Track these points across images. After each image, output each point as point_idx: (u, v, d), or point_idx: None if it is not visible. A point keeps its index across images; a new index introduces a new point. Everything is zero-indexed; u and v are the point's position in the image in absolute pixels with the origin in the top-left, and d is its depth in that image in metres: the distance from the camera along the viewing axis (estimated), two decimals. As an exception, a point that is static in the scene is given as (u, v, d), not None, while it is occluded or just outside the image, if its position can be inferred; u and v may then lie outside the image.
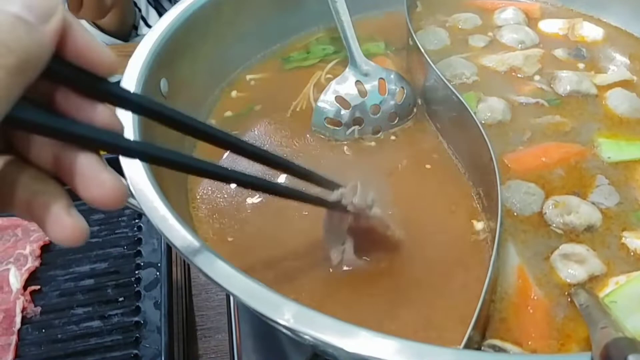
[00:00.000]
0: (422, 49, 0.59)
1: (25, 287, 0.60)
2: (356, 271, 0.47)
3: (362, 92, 0.60)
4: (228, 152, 0.40)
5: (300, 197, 0.41)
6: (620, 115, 0.62)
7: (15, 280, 0.61)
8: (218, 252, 0.37)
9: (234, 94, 0.67)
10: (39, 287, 0.61)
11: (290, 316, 0.33)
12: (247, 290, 0.35)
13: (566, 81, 0.65)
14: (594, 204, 0.52)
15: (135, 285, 0.61)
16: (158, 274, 0.62)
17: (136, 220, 0.68)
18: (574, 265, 0.47)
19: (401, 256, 0.49)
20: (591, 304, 0.41)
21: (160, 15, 1.07)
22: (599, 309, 0.40)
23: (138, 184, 0.41)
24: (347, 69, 0.62)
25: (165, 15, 0.59)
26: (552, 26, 0.75)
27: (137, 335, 0.57)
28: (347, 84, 0.61)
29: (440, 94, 0.58)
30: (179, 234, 0.38)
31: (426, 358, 0.32)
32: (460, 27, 0.75)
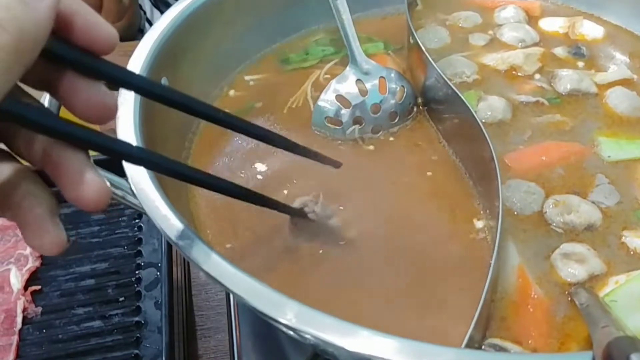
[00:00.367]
0: (422, 48, 0.59)
1: (26, 288, 0.60)
2: (357, 271, 0.47)
3: (363, 91, 0.60)
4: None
5: (269, 205, 0.44)
6: (620, 114, 0.62)
7: (16, 280, 0.61)
8: (218, 251, 0.37)
9: (232, 93, 0.67)
10: (39, 287, 0.61)
11: (291, 315, 0.33)
12: (248, 290, 0.35)
13: (566, 80, 0.65)
14: (594, 203, 0.52)
15: (135, 285, 0.61)
16: (158, 273, 0.62)
17: (136, 220, 0.68)
18: (574, 265, 0.47)
19: (401, 255, 0.49)
20: (591, 303, 0.41)
21: None
22: (599, 308, 0.40)
23: (139, 183, 0.41)
24: (347, 67, 0.62)
25: (166, 14, 0.59)
26: (553, 24, 0.75)
27: (138, 335, 0.57)
28: (347, 82, 0.60)
29: (441, 93, 0.58)
30: (180, 233, 0.38)
31: (427, 357, 0.32)
32: (460, 25, 0.75)
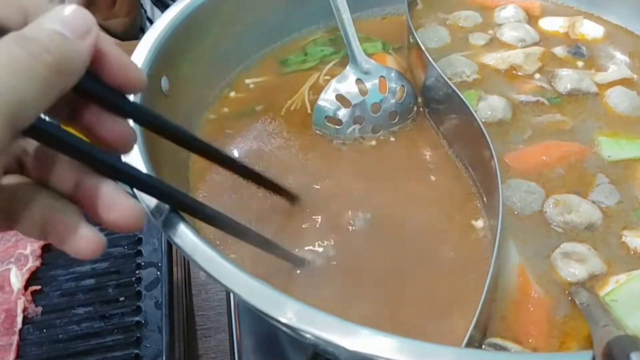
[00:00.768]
0: (422, 47, 0.59)
1: (26, 287, 0.60)
2: (357, 272, 0.47)
3: (363, 91, 0.60)
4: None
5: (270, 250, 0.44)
6: (620, 114, 0.62)
7: (16, 280, 0.61)
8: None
9: (232, 94, 0.67)
10: (39, 287, 0.61)
11: (292, 315, 0.33)
12: (249, 289, 0.35)
13: (567, 79, 0.65)
14: (594, 202, 0.52)
15: (136, 285, 0.61)
16: (159, 273, 0.62)
17: (137, 220, 0.68)
18: (575, 264, 0.47)
19: (400, 255, 0.49)
20: (592, 302, 0.41)
21: None
22: (599, 307, 0.40)
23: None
24: (347, 67, 0.62)
25: (166, 13, 0.59)
26: (553, 24, 0.75)
27: (138, 335, 0.57)
28: (347, 82, 0.60)
29: (441, 93, 0.58)
30: (180, 233, 0.38)
31: (427, 357, 0.32)
32: (460, 25, 0.75)
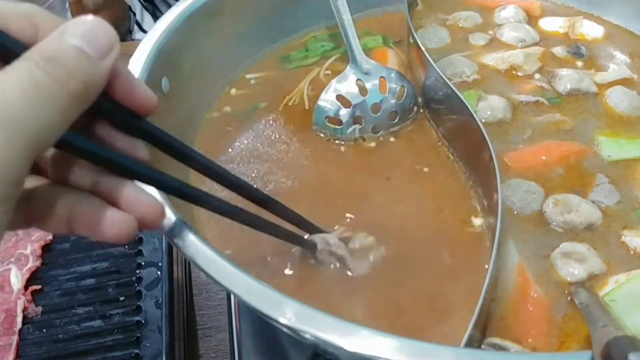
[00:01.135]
0: (422, 47, 0.59)
1: (26, 287, 0.60)
2: (354, 282, 0.47)
3: (363, 91, 0.60)
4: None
5: (283, 235, 0.44)
6: (620, 114, 0.62)
7: (17, 280, 0.61)
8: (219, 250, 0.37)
9: (233, 91, 0.67)
10: (40, 286, 0.61)
11: (291, 315, 0.33)
12: (248, 289, 0.35)
13: (566, 79, 0.65)
14: (594, 202, 0.52)
15: (136, 285, 0.61)
16: (159, 273, 0.62)
17: (137, 220, 0.68)
18: (574, 264, 0.47)
19: (400, 255, 0.49)
20: (591, 302, 0.41)
21: (156, 21, 1.07)
22: (599, 307, 0.40)
23: (140, 184, 0.41)
24: (347, 67, 0.62)
25: (166, 15, 0.59)
26: (553, 24, 0.75)
27: (138, 334, 0.57)
28: (347, 82, 0.60)
29: (441, 93, 0.58)
30: (180, 233, 0.38)
31: (427, 357, 0.32)
32: (460, 25, 0.75)
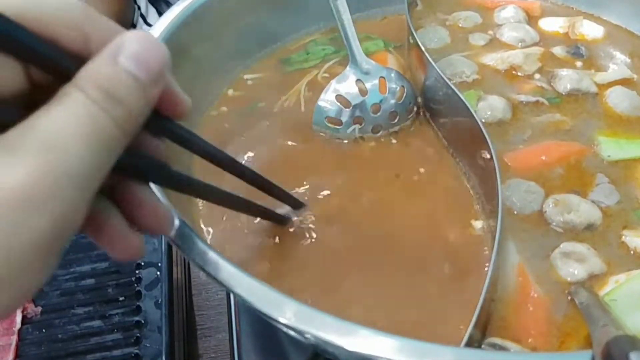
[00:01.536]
0: (422, 47, 0.59)
1: (25, 287, 0.60)
2: (355, 271, 0.47)
3: (363, 91, 0.60)
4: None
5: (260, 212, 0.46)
6: (620, 114, 0.62)
7: (16, 279, 0.61)
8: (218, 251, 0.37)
9: (230, 92, 0.67)
10: (39, 286, 0.61)
11: (291, 315, 0.33)
12: (248, 289, 0.35)
13: (566, 79, 0.65)
14: (594, 202, 0.52)
15: (135, 285, 0.61)
16: (159, 273, 0.62)
17: (136, 220, 0.68)
18: (574, 264, 0.47)
19: (400, 256, 0.49)
20: (591, 302, 0.41)
21: (160, 15, 1.07)
22: (599, 307, 0.40)
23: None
24: (347, 67, 0.62)
25: (165, 15, 0.59)
26: (553, 24, 0.75)
27: (138, 334, 0.57)
28: (347, 82, 0.60)
29: (441, 93, 0.58)
30: (180, 233, 0.38)
31: (427, 357, 0.32)
32: (460, 25, 0.75)
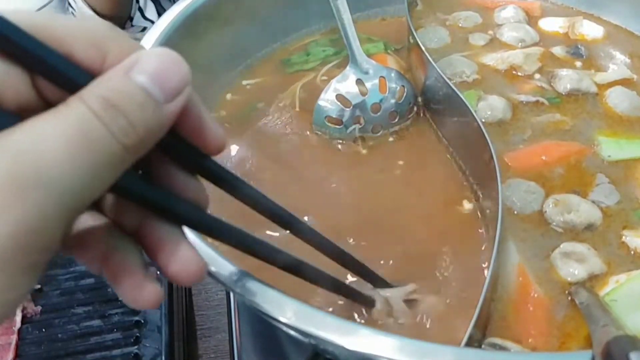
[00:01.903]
0: (422, 47, 0.59)
1: (25, 287, 0.60)
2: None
3: (363, 91, 0.60)
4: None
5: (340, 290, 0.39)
6: (620, 114, 0.62)
7: (16, 279, 0.61)
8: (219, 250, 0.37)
9: (229, 97, 0.66)
10: (39, 286, 0.61)
11: (291, 314, 0.33)
12: (248, 288, 0.35)
13: (566, 79, 0.65)
14: (594, 202, 0.52)
15: (135, 285, 0.61)
16: (158, 272, 0.62)
17: (136, 220, 0.68)
18: (574, 264, 0.47)
19: (400, 256, 0.49)
20: (591, 302, 0.41)
21: (158, 10, 1.06)
22: (599, 307, 0.40)
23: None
24: (347, 67, 0.62)
25: (164, 16, 0.59)
26: (553, 24, 0.75)
27: (138, 334, 0.57)
28: (347, 82, 0.60)
29: (441, 93, 0.58)
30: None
31: (427, 356, 0.32)
32: (460, 25, 0.75)
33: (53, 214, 0.20)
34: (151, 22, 1.10)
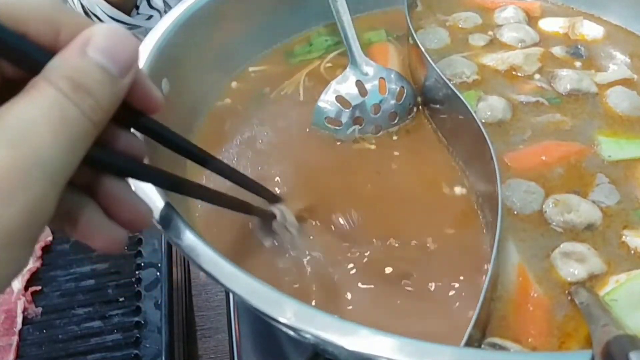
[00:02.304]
0: (422, 48, 0.59)
1: (26, 288, 0.60)
2: (356, 278, 0.47)
3: (363, 92, 0.60)
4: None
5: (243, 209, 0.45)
6: (620, 114, 0.62)
7: (17, 281, 0.61)
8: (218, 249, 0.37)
9: (234, 84, 0.67)
10: (40, 287, 0.61)
11: (291, 314, 0.33)
12: (248, 288, 0.35)
13: (566, 80, 0.65)
14: (594, 202, 0.52)
15: (135, 286, 0.61)
16: (158, 274, 0.62)
17: (137, 221, 0.68)
18: (574, 264, 0.47)
19: (399, 256, 0.49)
20: (591, 302, 0.41)
21: None
22: (599, 307, 0.40)
23: (138, 183, 0.41)
24: (347, 68, 0.62)
25: (166, 16, 0.59)
26: (553, 25, 0.75)
27: (138, 335, 0.57)
28: (347, 83, 0.60)
29: (441, 93, 0.58)
30: (180, 233, 0.38)
31: (427, 356, 0.32)
32: (460, 26, 0.75)
33: (51, 192, 0.23)
34: (157, 10, 1.10)
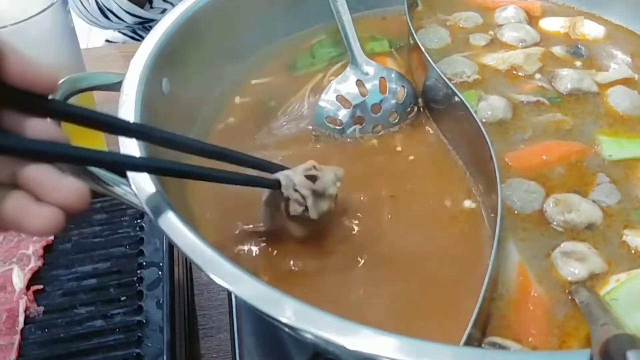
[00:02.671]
0: (422, 48, 0.60)
1: (28, 287, 0.61)
2: (356, 278, 0.48)
3: (363, 92, 0.60)
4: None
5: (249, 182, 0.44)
6: (621, 113, 0.62)
7: (19, 280, 0.61)
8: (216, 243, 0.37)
9: (237, 100, 0.66)
10: (42, 286, 0.61)
11: (291, 314, 0.34)
12: (249, 289, 0.35)
13: (567, 79, 0.65)
14: (594, 202, 0.52)
15: (137, 285, 0.61)
16: (160, 273, 0.62)
17: (138, 220, 0.68)
18: (575, 263, 0.47)
19: (399, 257, 0.49)
20: (592, 301, 0.41)
21: None
22: (599, 306, 0.40)
23: (139, 183, 0.42)
24: (347, 68, 0.62)
25: (167, 16, 0.60)
26: (553, 24, 0.75)
27: (140, 334, 0.57)
28: (347, 83, 0.61)
29: (441, 93, 0.58)
30: (181, 233, 0.39)
31: (427, 356, 0.32)
32: (461, 25, 0.75)
33: None
34: (171, 4, 1.10)
